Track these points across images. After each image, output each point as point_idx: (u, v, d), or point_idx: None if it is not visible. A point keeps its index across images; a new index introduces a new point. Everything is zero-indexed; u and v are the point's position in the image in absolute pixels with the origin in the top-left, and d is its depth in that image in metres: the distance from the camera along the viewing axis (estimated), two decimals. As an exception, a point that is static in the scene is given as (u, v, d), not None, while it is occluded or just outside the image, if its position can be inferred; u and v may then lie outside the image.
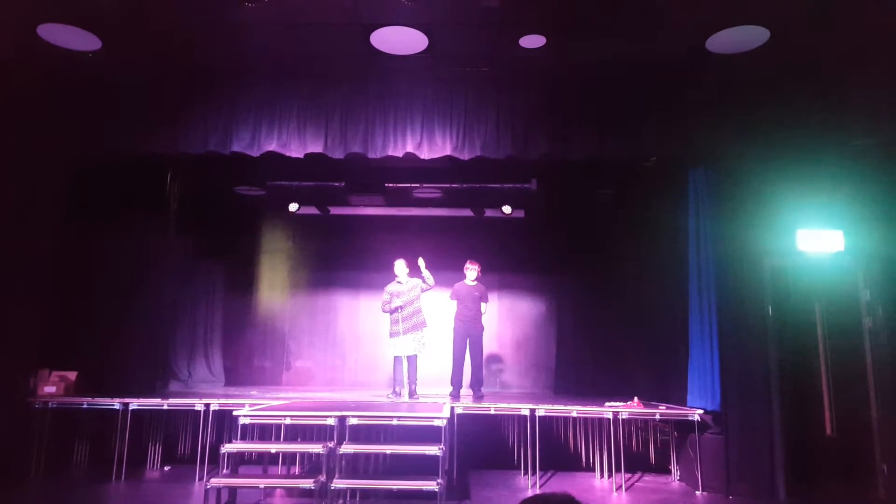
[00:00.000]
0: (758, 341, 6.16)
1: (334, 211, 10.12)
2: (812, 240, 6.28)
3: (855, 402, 6.28)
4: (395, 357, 7.38)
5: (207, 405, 6.51)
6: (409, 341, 7.25)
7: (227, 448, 5.14)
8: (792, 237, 6.28)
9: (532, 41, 5.82)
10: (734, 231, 6.33)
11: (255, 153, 6.64)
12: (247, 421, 5.39)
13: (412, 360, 7.30)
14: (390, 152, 6.57)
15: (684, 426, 6.40)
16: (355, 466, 5.49)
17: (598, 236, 9.35)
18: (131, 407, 6.51)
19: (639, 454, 6.98)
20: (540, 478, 6.20)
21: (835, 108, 6.28)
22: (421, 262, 7.33)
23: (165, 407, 6.68)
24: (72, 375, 6.94)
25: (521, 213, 9.90)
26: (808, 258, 6.33)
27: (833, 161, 6.28)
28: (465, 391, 7.38)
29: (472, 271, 7.51)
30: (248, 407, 5.90)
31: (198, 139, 6.66)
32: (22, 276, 6.46)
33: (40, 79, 6.45)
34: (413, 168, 7.85)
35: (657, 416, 6.40)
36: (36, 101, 6.54)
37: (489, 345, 8.96)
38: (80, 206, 7.14)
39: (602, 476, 6.54)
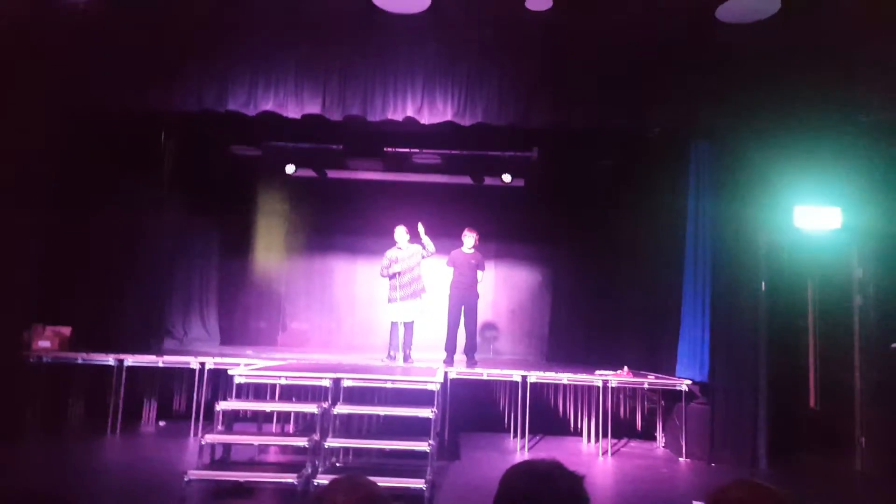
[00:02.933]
0: (749, 315, 6.22)
1: (332, 174, 10.07)
2: (809, 216, 6.29)
3: (840, 378, 6.40)
4: (392, 322, 7.43)
5: (203, 363, 6.57)
6: (407, 308, 7.29)
7: (221, 406, 5.18)
8: (789, 213, 6.29)
9: (538, 3, 5.68)
10: (732, 206, 6.34)
11: (252, 112, 6.54)
12: (242, 380, 5.43)
13: (409, 326, 7.35)
14: (390, 115, 6.49)
15: (672, 395, 6.51)
16: (349, 426, 5.57)
17: (597, 208, 9.33)
18: (126, 363, 6.57)
19: (626, 421, 7.14)
20: (529, 441, 6.33)
21: (842, 82, 6.21)
22: (420, 228, 7.33)
23: (160, 364, 6.74)
24: (66, 331, 6.97)
25: (520, 182, 9.87)
26: (804, 235, 6.36)
27: (835, 137, 6.24)
28: (459, 357, 7.46)
29: (469, 238, 7.50)
30: (244, 366, 5.96)
31: (193, 97, 6.55)
32: (15, 233, 6.42)
33: (31, 35, 6.30)
34: (413, 133, 7.77)
35: (646, 385, 6.52)
36: (28, 58, 6.40)
37: (484, 312, 9.02)
38: (75, 167, 7.05)
39: (589, 441, 6.69)
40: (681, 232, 6.85)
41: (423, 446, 4.80)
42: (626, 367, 6.81)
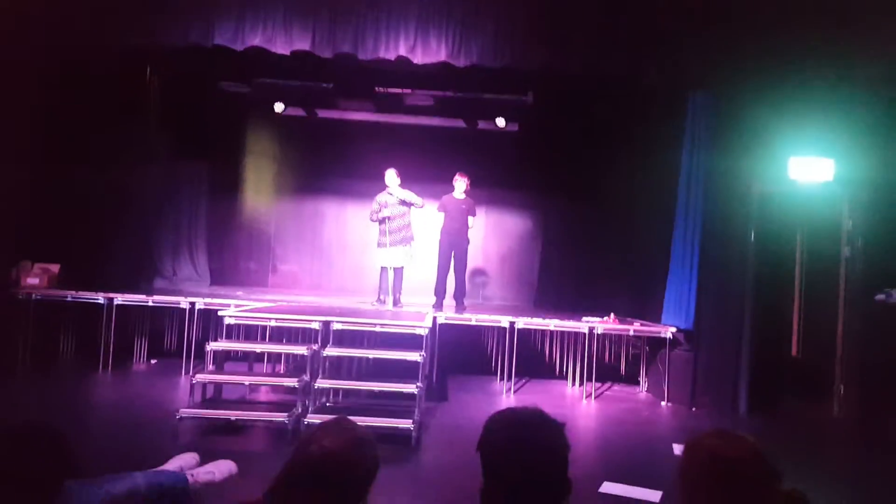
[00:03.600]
0: (737, 264, 6.29)
1: (322, 114, 9.86)
2: (803, 168, 6.27)
3: (822, 327, 6.53)
4: (382, 267, 7.44)
5: (193, 303, 6.60)
6: (397, 253, 7.29)
7: (212, 346, 5.22)
8: (784, 165, 6.27)
9: (537, -59, 5.49)
10: (728, 157, 6.30)
11: (239, 47, 6.37)
12: (232, 321, 5.46)
13: (398, 271, 7.37)
14: (382, 54, 6.32)
15: (656, 342, 6.64)
16: (338, 368, 5.66)
17: (591, 156, 9.22)
18: (116, 301, 6.59)
19: (610, 366, 7.28)
20: (515, 384, 6.47)
21: (838, 33, 6.07)
22: (392, 199, 7.24)
23: (150, 303, 6.77)
24: (55, 268, 6.95)
25: (514, 127, 9.72)
26: (797, 186, 6.35)
27: (830, 88, 6.16)
28: (449, 301, 7.52)
29: (460, 183, 7.43)
30: (234, 307, 5.98)
31: (178, 30, 6.37)
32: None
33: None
34: (405, 73, 7.58)
35: (631, 332, 6.62)
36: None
37: (474, 258, 9.04)
38: (61, 108, 6.87)
39: (573, 384, 6.85)
40: (674, 182, 6.81)
41: (411, 388, 4.89)
42: (612, 315, 6.91)
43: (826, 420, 6.14)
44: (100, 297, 6.59)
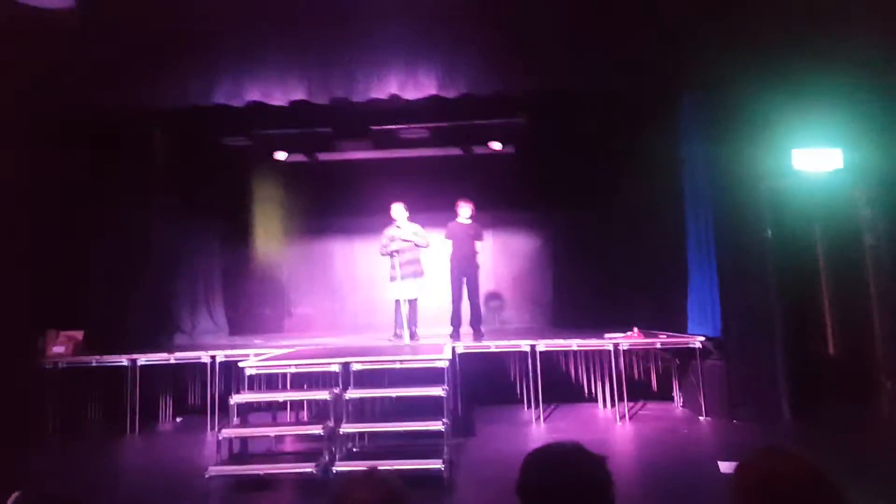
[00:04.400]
0: (757, 265, 6.16)
1: (323, 157, 9.99)
2: (808, 158, 6.17)
3: (856, 320, 6.28)
4: (396, 300, 7.41)
5: (213, 357, 6.60)
6: (409, 285, 7.27)
7: (235, 399, 5.22)
8: (787, 157, 6.17)
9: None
10: (729, 155, 6.23)
11: (239, 104, 6.52)
12: (253, 372, 5.46)
13: (412, 303, 7.34)
14: (374, 94, 6.41)
15: (685, 353, 6.47)
16: (362, 410, 5.60)
17: (591, 168, 9.21)
18: (139, 363, 6.61)
19: (640, 383, 7.08)
20: (543, 411, 6.33)
21: (834, 22, 6.03)
22: (401, 233, 7.24)
23: (172, 361, 6.77)
24: (79, 335, 6.99)
25: (511, 149, 9.74)
26: (805, 177, 6.23)
27: (835, 76, 6.08)
28: (465, 329, 7.46)
29: (465, 209, 7.43)
30: (254, 357, 5.97)
31: (179, 92, 6.55)
32: (21, 239, 6.41)
33: (17, 40, 6.17)
34: (399, 109, 7.64)
35: (658, 345, 6.48)
36: (16, 64, 6.28)
37: (486, 282, 9.00)
38: (75, 170, 7.01)
39: (605, 406, 6.66)
40: (678, 186, 6.75)
41: (437, 426, 4.81)
42: (635, 328, 6.77)
43: (878, 421, 5.84)
44: (123, 360, 6.62)
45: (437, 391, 5.02)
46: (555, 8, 6.19)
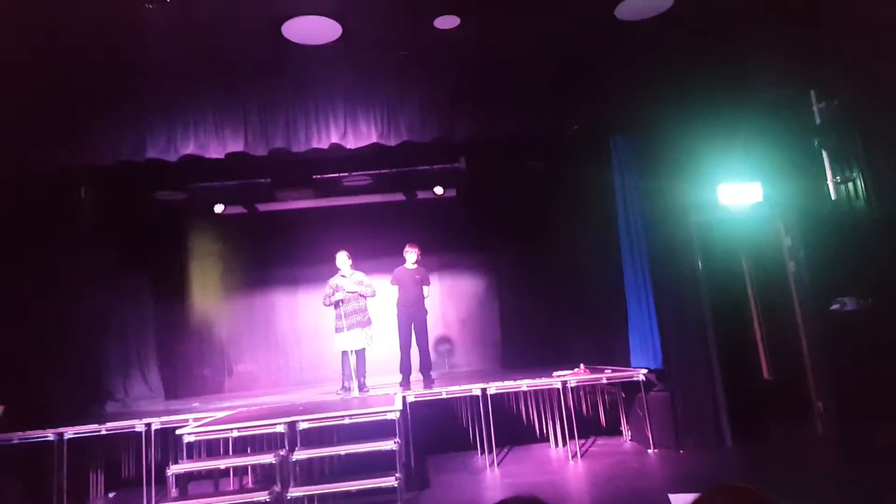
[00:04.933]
0: (691, 296, 6.38)
1: (262, 208, 9.81)
2: (732, 193, 6.50)
3: (788, 345, 6.59)
4: (343, 352, 7.25)
5: (149, 425, 6.22)
6: (356, 335, 7.14)
7: (173, 469, 4.94)
8: (713, 192, 6.49)
9: (446, 22, 5.71)
10: (658, 192, 6.50)
11: (173, 158, 6.33)
12: (192, 439, 5.18)
13: (360, 353, 7.20)
14: (315, 144, 6.38)
15: (630, 386, 6.59)
16: (310, 471, 5.38)
17: (530, 208, 9.44)
18: (67, 436, 6.14)
19: (590, 419, 7.14)
20: (497, 455, 6.26)
21: (741, 65, 6.48)
22: (345, 282, 7.19)
23: (104, 432, 6.33)
24: (-1, 409, 6.48)
25: (453, 193, 9.87)
26: (730, 211, 6.55)
27: (747, 116, 6.50)
28: (416, 376, 7.35)
29: (411, 254, 7.42)
30: (192, 422, 5.68)
31: (109, 149, 6.31)
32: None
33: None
34: (340, 158, 7.66)
35: (604, 380, 6.56)
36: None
37: (435, 326, 8.96)
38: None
39: (557, 445, 6.67)
40: (613, 223, 6.98)
41: (389, 481, 4.67)
42: (581, 365, 6.86)
43: (812, 440, 6.11)
44: (49, 435, 6.13)
45: (389, 445, 4.90)
46: (489, 59, 6.41)
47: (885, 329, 5.59)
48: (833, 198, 6.11)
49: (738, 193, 6.51)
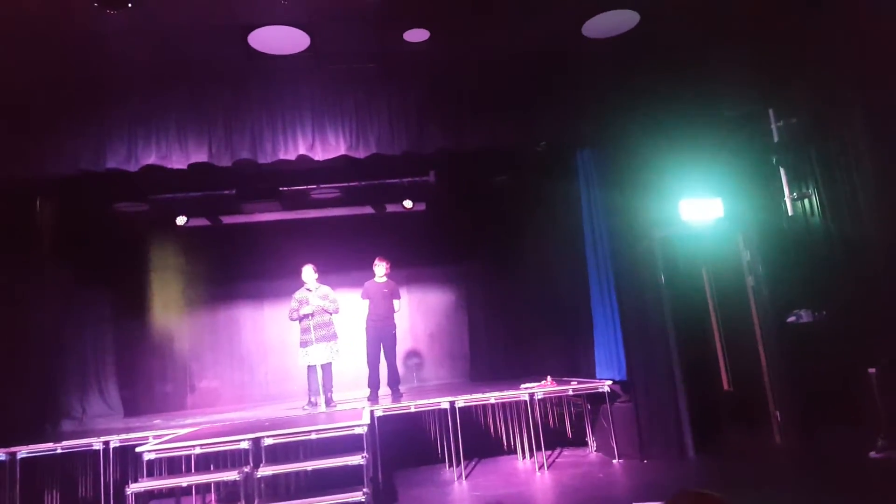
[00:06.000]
0: (655, 309, 6.49)
1: (227, 220, 9.66)
2: (694, 208, 6.67)
3: (747, 356, 6.80)
4: (309, 366, 7.16)
5: (107, 443, 6.02)
6: (322, 350, 7.07)
7: (133, 488, 4.81)
8: (676, 207, 6.65)
9: (416, 35, 5.78)
10: (623, 206, 6.63)
11: (133, 168, 6.18)
12: (152, 456, 5.04)
13: (326, 367, 7.12)
14: (282, 156, 6.31)
15: (596, 398, 6.66)
16: (276, 487, 5.28)
17: (499, 222, 9.52)
18: (19, 455, 5.90)
19: (556, 430, 7.21)
20: (465, 468, 6.25)
21: (702, 83, 6.69)
22: (310, 296, 7.15)
23: (59, 451, 6.10)
24: (-56, 429, 6.21)
25: (422, 206, 9.89)
26: (692, 226, 6.72)
27: (709, 133, 6.72)
28: (384, 391, 7.30)
29: (380, 267, 7.39)
30: (153, 440, 5.53)
31: (67, 158, 6.13)
32: None
33: None
34: (308, 170, 7.62)
35: (570, 392, 6.62)
36: None
37: (403, 340, 8.92)
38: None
39: (524, 457, 6.69)
40: (580, 237, 7.08)
41: (357, 496, 4.63)
42: (549, 377, 6.91)
43: (770, 449, 6.28)
44: (1, 454, 5.90)
45: (357, 459, 4.85)
46: (458, 73, 6.50)
47: (838, 340, 5.82)
48: (790, 213, 6.35)
49: (700, 209, 6.68)
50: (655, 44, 6.33)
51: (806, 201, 6.24)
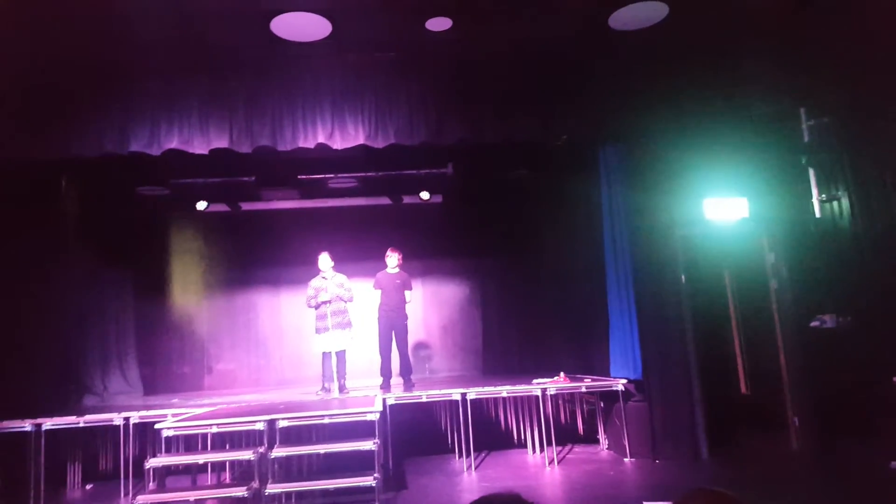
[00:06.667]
0: (673, 309, 6.42)
1: (246, 206, 9.78)
2: (718, 208, 6.56)
3: (766, 361, 6.68)
4: (324, 353, 7.24)
5: (127, 419, 6.17)
6: (338, 337, 7.14)
7: (151, 463, 4.93)
8: (699, 206, 6.55)
9: (438, 24, 5.73)
10: (644, 204, 6.54)
11: (156, 152, 6.26)
12: (170, 433, 5.15)
13: (341, 355, 7.19)
14: (301, 144, 6.34)
15: (609, 396, 6.63)
16: (288, 469, 5.37)
17: (516, 216, 9.49)
18: (44, 427, 6.08)
19: (568, 426, 7.19)
20: (475, 459, 6.28)
21: (732, 79, 6.57)
22: (326, 283, 7.20)
23: (81, 424, 6.26)
24: (-25, 398, 6.37)
25: (438, 199, 9.89)
26: (715, 226, 6.61)
27: (736, 131, 6.57)
28: (396, 380, 7.35)
29: (392, 258, 7.41)
30: (171, 418, 5.64)
31: (92, 141, 6.22)
32: None
33: None
34: (326, 158, 7.63)
35: (583, 389, 6.60)
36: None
37: (416, 331, 8.96)
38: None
39: (534, 452, 6.68)
40: (598, 234, 7.02)
41: (367, 481, 4.68)
42: (562, 373, 6.90)
43: (787, 455, 6.19)
44: (27, 425, 6.05)
45: (368, 445, 4.90)
46: (480, 64, 6.45)
47: (861, 347, 5.69)
48: (818, 216, 6.20)
49: (724, 208, 6.56)
50: (684, 37, 6.20)
51: (835, 203, 6.09)
